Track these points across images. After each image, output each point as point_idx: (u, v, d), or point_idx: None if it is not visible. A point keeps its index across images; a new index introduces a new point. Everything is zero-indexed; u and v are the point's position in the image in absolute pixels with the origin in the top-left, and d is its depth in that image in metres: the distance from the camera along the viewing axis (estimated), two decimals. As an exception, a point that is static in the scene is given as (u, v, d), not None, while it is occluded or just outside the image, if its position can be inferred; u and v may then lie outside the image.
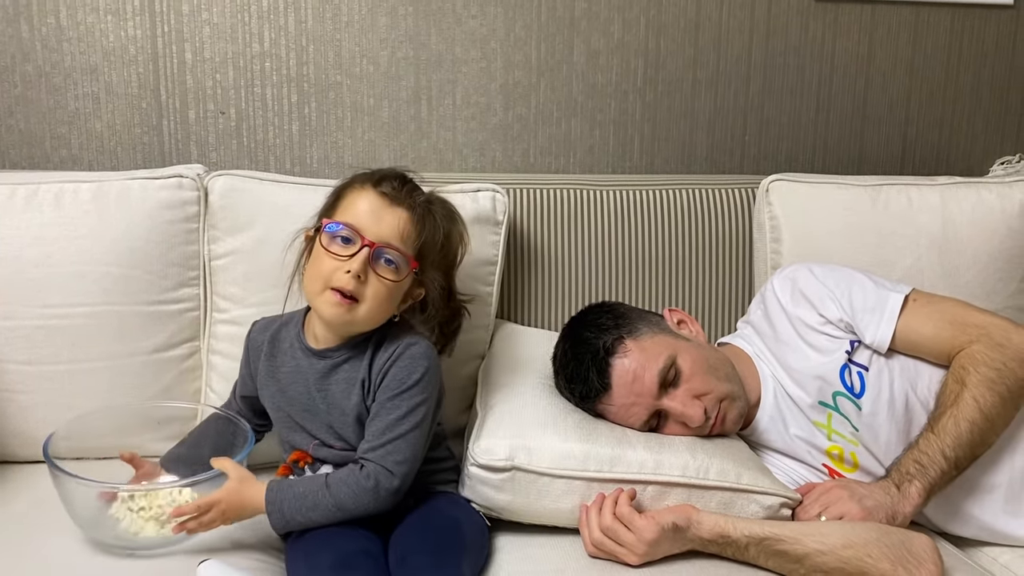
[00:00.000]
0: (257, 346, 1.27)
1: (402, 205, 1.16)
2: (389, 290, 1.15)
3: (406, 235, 1.16)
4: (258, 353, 1.27)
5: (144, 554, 1.13)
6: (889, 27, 1.89)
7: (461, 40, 1.76)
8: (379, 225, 1.14)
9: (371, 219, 1.14)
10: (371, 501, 1.11)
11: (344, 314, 1.13)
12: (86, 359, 1.38)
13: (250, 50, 1.71)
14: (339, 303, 1.12)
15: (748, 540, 1.12)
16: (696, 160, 1.88)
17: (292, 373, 1.22)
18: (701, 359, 1.27)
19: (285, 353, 1.24)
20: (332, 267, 1.13)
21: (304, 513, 1.10)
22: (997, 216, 1.58)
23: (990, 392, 1.21)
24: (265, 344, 1.26)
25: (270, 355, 1.25)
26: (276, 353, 1.24)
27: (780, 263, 1.56)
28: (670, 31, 1.82)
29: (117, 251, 1.38)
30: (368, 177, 1.19)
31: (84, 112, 1.69)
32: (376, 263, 1.13)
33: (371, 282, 1.13)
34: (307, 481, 1.14)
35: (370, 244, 1.13)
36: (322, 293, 1.13)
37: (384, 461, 1.12)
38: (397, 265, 1.15)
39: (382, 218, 1.15)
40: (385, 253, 1.14)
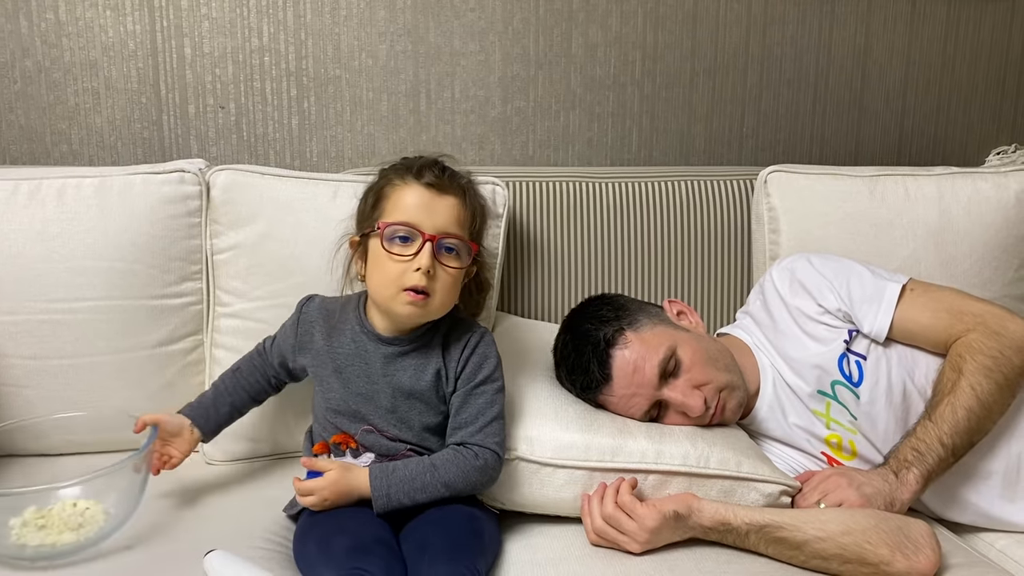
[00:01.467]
0: (310, 320, 1.27)
1: (450, 191, 1.18)
2: (456, 278, 1.18)
3: (462, 220, 1.18)
4: (310, 328, 1.26)
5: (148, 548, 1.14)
6: (886, 18, 1.90)
7: (459, 33, 1.77)
8: (434, 217, 1.15)
9: (425, 212, 1.15)
10: (479, 480, 1.16)
11: (420, 310, 1.15)
12: (90, 353, 1.39)
13: (249, 45, 1.71)
14: (414, 301, 1.14)
15: (748, 527, 1.13)
16: (694, 152, 1.89)
17: (353, 356, 1.22)
18: (701, 350, 1.28)
19: (345, 335, 1.23)
20: (400, 268, 1.14)
21: (411, 495, 1.13)
22: (993, 206, 1.58)
23: (987, 380, 1.22)
24: (320, 321, 1.26)
25: (327, 334, 1.24)
26: (334, 334, 1.24)
27: (778, 254, 1.57)
28: (668, 24, 1.83)
29: (120, 246, 1.39)
30: (406, 170, 1.19)
31: (84, 107, 1.70)
32: (440, 254, 1.15)
33: (439, 274, 1.15)
34: (411, 465, 1.15)
35: (431, 238, 1.14)
36: (397, 295, 1.14)
37: (487, 443, 1.17)
38: (459, 252, 1.17)
39: (435, 209, 1.16)
40: (446, 243, 1.16)
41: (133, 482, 1.16)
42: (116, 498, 1.14)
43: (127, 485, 1.15)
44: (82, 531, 1.11)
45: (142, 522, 1.21)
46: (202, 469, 1.43)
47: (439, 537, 1.10)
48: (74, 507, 1.12)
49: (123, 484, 1.15)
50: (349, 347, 1.22)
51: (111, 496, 1.14)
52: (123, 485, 1.15)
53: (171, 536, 1.18)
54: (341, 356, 1.22)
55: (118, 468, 1.11)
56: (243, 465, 1.44)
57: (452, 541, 1.09)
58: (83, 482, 1.11)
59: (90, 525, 1.11)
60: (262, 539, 1.18)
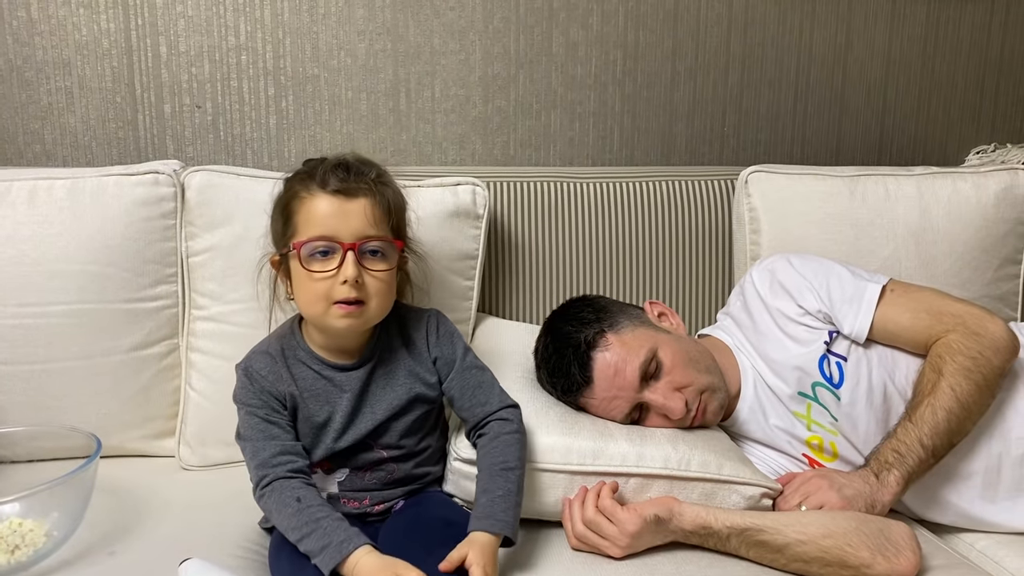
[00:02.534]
0: (275, 379, 1.15)
1: (359, 193, 1.10)
2: (387, 280, 1.13)
3: (378, 219, 1.11)
4: (279, 385, 1.15)
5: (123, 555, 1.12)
6: (866, 17, 1.90)
7: (439, 32, 1.75)
8: (349, 223, 1.09)
9: (339, 221, 1.09)
10: (524, 436, 1.18)
11: (358, 321, 1.12)
12: (62, 358, 1.37)
13: (226, 43, 1.69)
14: (349, 312, 1.10)
15: (729, 531, 1.12)
16: (676, 152, 1.89)
17: (325, 394, 1.16)
18: (681, 352, 1.28)
19: (307, 378, 1.16)
20: (326, 285, 1.09)
21: (520, 505, 1.12)
22: (972, 206, 1.59)
23: (966, 380, 1.22)
24: (285, 373, 1.16)
25: (291, 384, 1.16)
26: (297, 380, 1.16)
27: (759, 254, 1.57)
28: (649, 23, 1.82)
29: (93, 248, 1.37)
30: (309, 179, 1.11)
31: (57, 107, 1.67)
32: (364, 259, 1.10)
33: (368, 280, 1.10)
34: (499, 483, 1.10)
35: (351, 246, 1.09)
36: (328, 310, 1.10)
37: (506, 402, 1.20)
38: (384, 253, 1.12)
39: (348, 215, 1.09)
40: (369, 247, 1.11)
41: (76, 499, 1.13)
42: (59, 517, 1.10)
43: (70, 502, 1.12)
44: (16, 554, 1.06)
45: (117, 528, 1.19)
46: (178, 474, 1.41)
47: (414, 542, 1.09)
48: (19, 526, 1.08)
49: (66, 501, 1.11)
50: (319, 385, 1.16)
51: (53, 515, 1.10)
52: (66, 502, 1.11)
53: (146, 543, 1.17)
54: (312, 397, 1.16)
55: (60, 483, 1.08)
56: (220, 471, 1.42)
57: (427, 546, 1.08)
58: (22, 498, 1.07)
59: (27, 548, 1.07)
60: (239, 547, 1.16)
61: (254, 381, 1.15)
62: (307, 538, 1.03)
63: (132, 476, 1.37)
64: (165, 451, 1.45)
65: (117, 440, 1.41)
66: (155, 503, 1.28)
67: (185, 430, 1.43)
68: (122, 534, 1.18)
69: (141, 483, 1.35)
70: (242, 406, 1.14)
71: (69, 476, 1.09)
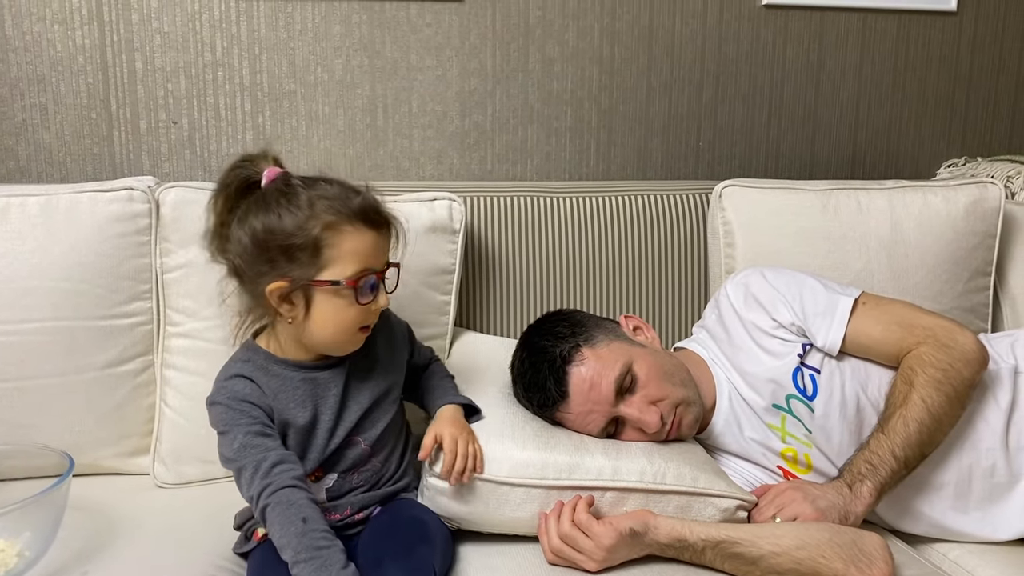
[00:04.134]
0: (257, 397, 1.13)
1: (386, 224, 1.14)
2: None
3: (393, 246, 1.17)
4: (262, 400, 1.13)
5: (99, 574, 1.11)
6: (838, 34, 1.93)
7: (416, 48, 1.76)
8: (382, 254, 1.13)
9: (378, 253, 1.12)
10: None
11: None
12: (36, 376, 1.36)
13: (202, 59, 1.69)
14: (366, 334, 1.15)
15: (704, 543, 1.13)
16: (652, 166, 1.90)
17: (308, 396, 1.15)
18: (656, 365, 1.28)
19: (286, 387, 1.15)
20: (364, 313, 1.11)
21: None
22: (943, 219, 1.61)
23: (937, 392, 1.23)
24: (262, 388, 1.14)
25: (271, 397, 1.14)
26: (275, 392, 1.14)
27: (734, 267, 1.58)
28: (624, 39, 1.84)
29: (67, 265, 1.36)
30: (354, 215, 1.09)
31: (32, 123, 1.66)
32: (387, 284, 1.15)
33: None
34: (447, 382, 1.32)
35: (382, 276, 1.13)
36: (353, 336, 1.13)
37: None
38: (394, 276, 1.17)
39: (382, 246, 1.13)
40: (388, 272, 1.14)
41: (49, 519, 1.11)
42: (31, 537, 1.09)
43: (42, 522, 1.10)
44: None
45: (91, 546, 1.18)
46: (153, 492, 1.40)
47: (393, 546, 1.10)
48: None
49: (38, 521, 1.09)
50: (302, 389, 1.15)
51: (25, 534, 1.09)
52: (38, 522, 1.09)
53: (120, 562, 1.16)
54: (295, 402, 1.15)
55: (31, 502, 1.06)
56: (195, 488, 1.41)
57: (406, 549, 1.09)
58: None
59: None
60: (214, 566, 1.16)
61: (238, 401, 1.12)
62: (304, 563, 1.00)
63: (106, 494, 1.36)
64: (140, 469, 1.44)
65: (91, 458, 1.40)
66: (129, 522, 1.27)
67: (160, 447, 1.42)
68: (96, 553, 1.17)
69: (115, 501, 1.33)
70: (230, 428, 1.10)
71: (41, 495, 1.08)
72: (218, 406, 1.12)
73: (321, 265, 1.08)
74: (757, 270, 1.43)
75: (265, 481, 1.05)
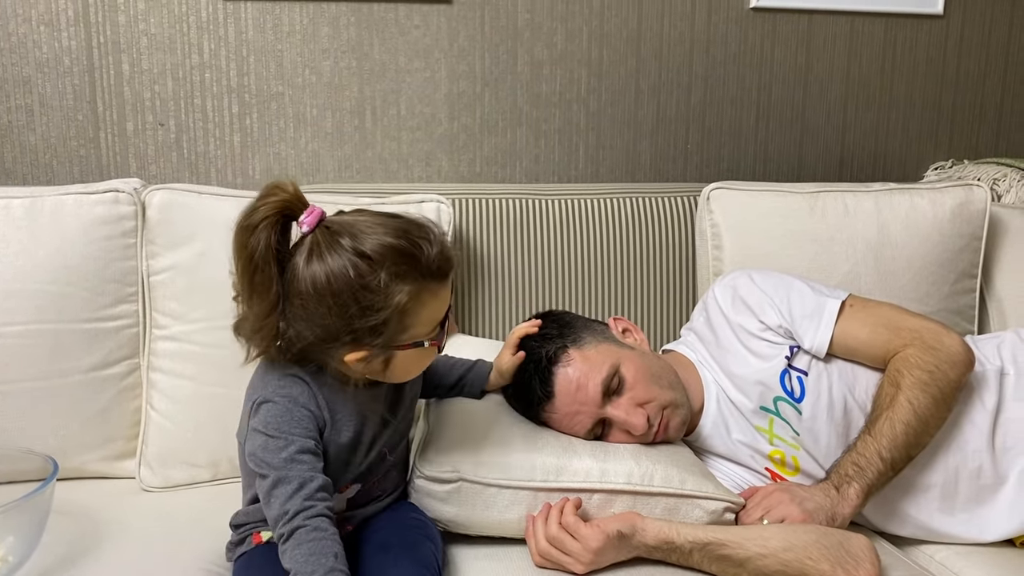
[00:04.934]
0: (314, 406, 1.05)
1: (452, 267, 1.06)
2: None
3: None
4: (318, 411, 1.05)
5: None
6: (825, 37, 1.94)
7: (404, 50, 1.76)
8: (449, 296, 1.07)
9: (448, 299, 1.05)
10: None
11: None
12: (20, 379, 1.35)
13: (189, 61, 1.69)
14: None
15: (692, 545, 1.13)
16: (640, 169, 1.91)
17: (355, 412, 1.08)
18: (644, 368, 1.28)
19: (338, 400, 1.07)
20: (437, 350, 1.07)
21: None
22: (929, 222, 1.62)
23: (923, 394, 1.23)
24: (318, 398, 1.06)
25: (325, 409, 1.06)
26: (329, 404, 1.07)
27: (722, 270, 1.58)
28: (612, 41, 1.84)
29: (52, 268, 1.35)
30: (429, 274, 1.00)
31: (17, 125, 1.66)
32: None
33: None
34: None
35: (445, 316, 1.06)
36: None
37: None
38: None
39: (449, 291, 1.06)
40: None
41: (32, 523, 1.10)
42: (14, 542, 1.08)
43: (26, 526, 1.09)
44: None
45: (75, 551, 1.17)
46: (139, 496, 1.39)
47: (399, 536, 1.10)
48: None
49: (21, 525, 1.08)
50: (350, 404, 1.08)
51: (8, 539, 1.07)
52: (21, 526, 1.08)
53: (105, 566, 1.14)
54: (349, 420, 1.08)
55: (14, 507, 1.05)
56: (181, 492, 1.40)
57: (411, 540, 1.09)
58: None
59: None
60: (200, 570, 1.15)
61: (297, 405, 1.02)
62: None
63: (91, 498, 1.34)
64: (125, 472, 1.43)
65: (77, 462, 1.39)
66: (114, 526, 1.26)
67: (146, 451, 1.42)
68: (80, 558, 1.16)
69: (100, 505, 1.32)
70: (283, 434, 1.00)
71: (24, 500, 1.07)
72: (272, 405, 1.02)
73: (403, 330, 1.00)
74: (745, 272, 1.43)
75: (308, 503, 0.97)
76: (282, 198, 0.97)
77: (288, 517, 0.96)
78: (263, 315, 0.99)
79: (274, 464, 0.99)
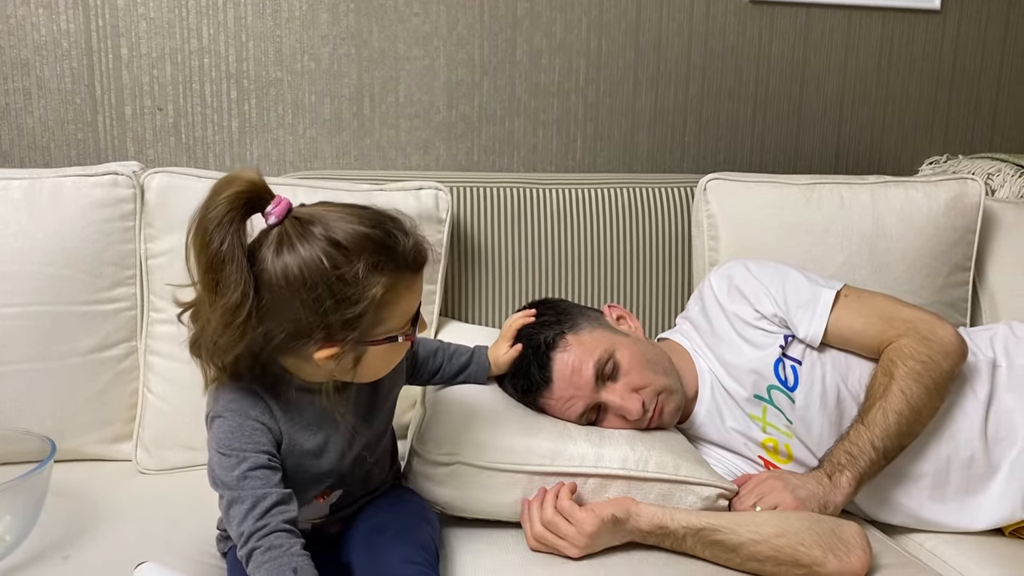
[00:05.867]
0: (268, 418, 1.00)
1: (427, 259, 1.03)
2: None
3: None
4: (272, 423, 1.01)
5: (78, 559, 1.11)
6: (823, 30, 1.94)
7: (404, 37, 1.76)
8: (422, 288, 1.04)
9: (421, 291, 1.04)
10: None
11: None
12: (17, 361, 1.35)
13: (188, 46, 1.69)
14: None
15: (685, 531, 1.14)
16: (637, 159, 1.91)
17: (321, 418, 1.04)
18: (639, 354, 1.29)
19: (300, 408, 1.03)
20: (408, 344, 1.03)
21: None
22: (924, 214, 1.63)
23: (917, 384, 1.24)
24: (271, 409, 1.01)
25: (280, 419, 1.02)
26: (285, 413, 1.02)
27: (717, 260, 1.59)
28: (611, 32, 1.84)
29: (50, 250, 1.35)
30: (405, 265, 0.97)
31: (15, 107, 1.65)
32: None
33: None
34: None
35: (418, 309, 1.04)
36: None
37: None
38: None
39: (422, 282, 1.04)
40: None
41: (29, 503, 1.11)
42: (11, 522, 1.08)
43: (23, 506, 1.09)
44: None
45: (72, 531, 1.18)
46: (135, 479, 1.40)
47: (396, 520, 1.10)
48: None
49: (19, 505, 1.08)
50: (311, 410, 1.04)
51: (5, 518, 1.08)
52: (19, 506, 1.08)
53: (102, 547, 1.15)
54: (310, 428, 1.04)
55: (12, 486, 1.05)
56: (178, 475, 1.40)
57: (408, 524, 1.09)
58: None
59: None
60: (196, 551, 1.15)
61: (249, 420, 0.98)
62: None
63: (88, 480, 1.35)
64: (122, 455, 1.44)
65: (73, 444, 1.39)
66: (111, 507, 1.26)
67: (143, 434, 1.42)
68: (77, 538, 1.16)
69: (97, 487, 1.33)
70: (234, 452, 0.96)
71: (21, 479, 1.08)
72: (223, 421, 0.98)
73: (377, 323, 0.97)
74: (741, 262, 1.44)
75: (261, 522, 0.93)
76: (244, 187, 0.91)
77: (244, 539, 0.93)
78: (229, 316, 0.90)
79: (228, 483, 0.95)
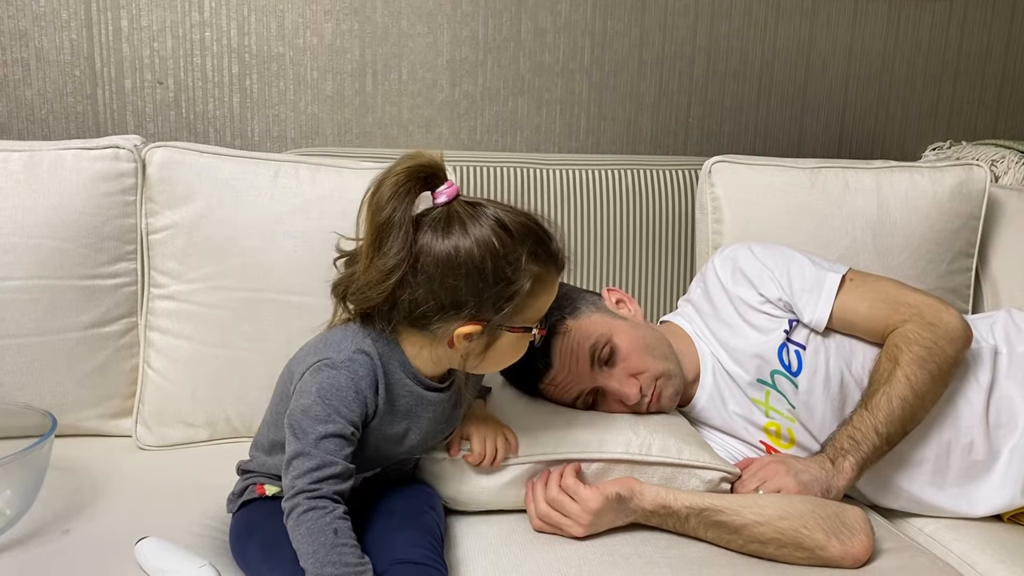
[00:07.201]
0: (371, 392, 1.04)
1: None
2: None
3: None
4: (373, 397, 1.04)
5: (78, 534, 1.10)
6: (829, 14, 1.93)
7: (407, 14, 1.74)
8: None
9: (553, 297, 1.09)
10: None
11: None
12: (17, 335, 1.34)
13: (189, 19, 1.66)
14: None
15: (688, 511, 1.14)
16: (641, 141, 1.90)
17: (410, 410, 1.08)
18: (637, 338, 1.29)
19: (399, 393, 1.07)
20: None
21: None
22: (929, 200, 1.62)
23: (921, 370, 1.24)
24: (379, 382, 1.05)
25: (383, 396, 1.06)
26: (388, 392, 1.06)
27: (721, 243, 1.58)
28: (617, 11, 1.83)
29: (50, 223, 1.34)
30: (557, 262, 1.06)
31: (13, 79, 1.63)
32: None
33: None
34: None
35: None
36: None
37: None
38: None
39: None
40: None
41: (30, 478, 1.10)
42: (11, 496, 1.08)
43: (23, 481, 1.09)
44: None
45: (72, 506, 1.17)
46: (135, 454, 1.39)
47: (404, 506, 1.10)
48: None
49: (19, 479, 1.08)
50: (408, 400, 1.08)
51: (5, 493, 1.08)
52: (19, 480, 1.08)
53: (101, 522, 1.15)
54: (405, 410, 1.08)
55: (12, 460, 1.05)
56: (177, 451, 1.40)
57: (415, 511, 1.10)
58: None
59: None
60: (197, 525, 1.15)
61: (357, 387, 1.02)
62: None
63: (88, 455, 1.34)
64: (122, 431, 1.43)
65: (73, 419, 1.38)
66: (111, 482, 1.26)
67: (143, 409, 1.41)
68: (77, 513, 1.16)
69: (97, 462, 1.32)
70: (330, 411, 0.99)
71: (22, 454, 1.07)
72: (336, 373, 1.01)
73: (519, 311, 1.03)
74: (745, 245, 1.43)
75: (316, 485, 0.96)
76: (426, 162, 1.00)
77: (294, 492, 0.96)
78: (382, 278, 0.98)
79: (307, 432, 0.98)
